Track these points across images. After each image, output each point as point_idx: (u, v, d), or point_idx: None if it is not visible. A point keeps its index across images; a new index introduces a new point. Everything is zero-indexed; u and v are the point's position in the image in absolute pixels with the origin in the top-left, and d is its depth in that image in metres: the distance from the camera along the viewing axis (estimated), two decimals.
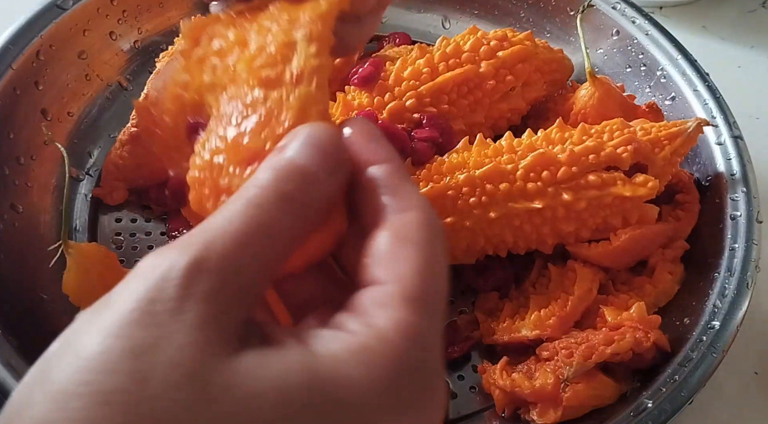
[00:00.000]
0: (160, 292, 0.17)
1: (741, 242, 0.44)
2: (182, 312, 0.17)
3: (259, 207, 0.19)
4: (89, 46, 0.54)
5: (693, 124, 0.46)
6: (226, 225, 0.18)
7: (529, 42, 0.51)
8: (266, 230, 0.19)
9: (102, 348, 0.17)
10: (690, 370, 0.40)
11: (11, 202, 0.48)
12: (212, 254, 0.18)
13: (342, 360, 0.18)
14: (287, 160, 0.20)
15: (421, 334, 0.19)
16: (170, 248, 0.18)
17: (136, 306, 0.17)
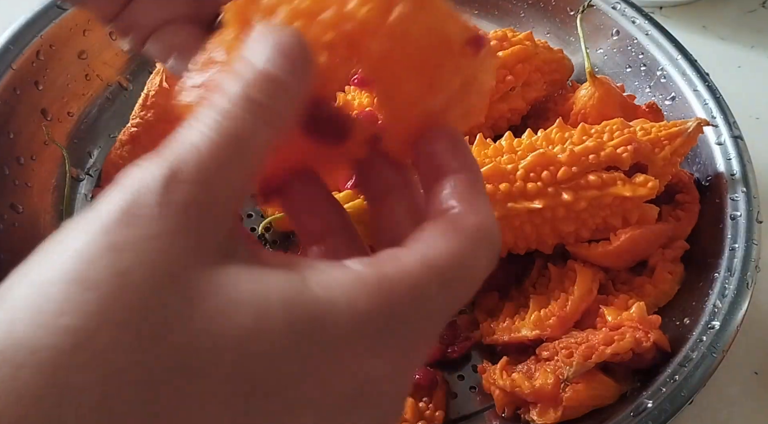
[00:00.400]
0: (141, 197, 0.18)
1: (741, 242, 0.44)
2: (162, 217, 0.17)
3: (229, 116, 0.19)
4: (89, 46, 0.54)
5: (693, 124, 0.46)
6: (198, 136, 0.19)
7: (529, 42, 0.51)
8: (238, 139, 0.19)
9: (84, 243, 0.17)
10: (690, 370, 0.40)
11: (11, 203, 0.48)
12: (187, 164, 0.18)
13: (330, 286, 0.18)
14: (255, 69, 0.20)
15: (425, 293, 0.19)
16: (147, 161, 0.19)
17: (118, 209, 0.17)
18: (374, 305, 0.18)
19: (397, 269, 0.19)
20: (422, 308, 0.19)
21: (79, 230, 0.18)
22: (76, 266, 0.17)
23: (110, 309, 0.16)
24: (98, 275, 0.17)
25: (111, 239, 0.17)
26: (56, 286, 0.16)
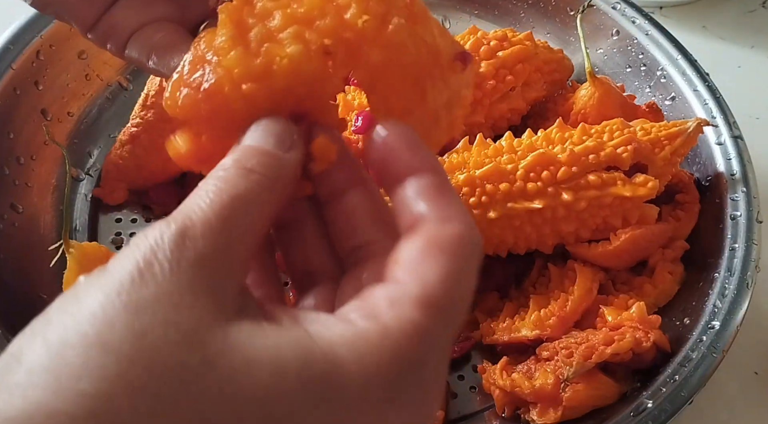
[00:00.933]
0: (154, 255, 0.18)
1: (741, 242, 0.44)
2: (176, 274, 0.18)
3: (227, 181, 0.20)
4: (89, 46, 0.54)
5: (693, 125, 0.46)
6: (203, 198, 0.20)
7: (529, 42, 0.51)
8: (238, 198, 0.20)
9: (101, 304, 0.17)
10: (690, 370, 0.40)
11: (11, 202, 0.48)
12: (195, 223, 0.19)
13: (336, 344, 0.18)
14: (245, 145, 0.22)
15: (428, 337, 0.19)
16: (157, 223, 0.19)
17: (133, 268, 0.18)
18: (382, 361, 0.18)
19: (397, 319, 0.19)
20: (429, 351, 0.19)
21: (94, 290, 0.18)
22: (93, 328, 0.17)
23: (129, 373, 0.16)
24: (116, 338, 0.17)
25: (127, 299, 0.17)
26: (74, 349, 0.16)
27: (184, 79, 0.23)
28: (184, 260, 0.18)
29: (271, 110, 0.23)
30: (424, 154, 0.22)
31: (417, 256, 0.20)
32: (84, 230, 0.51)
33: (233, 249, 0.19)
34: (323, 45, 0.22)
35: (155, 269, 0.18)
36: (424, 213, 0.21)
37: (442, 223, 0.20)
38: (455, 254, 0.20)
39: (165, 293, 0.17)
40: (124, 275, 0.18)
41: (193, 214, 0.19)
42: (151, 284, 0.17)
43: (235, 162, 0.21)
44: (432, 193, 0.21)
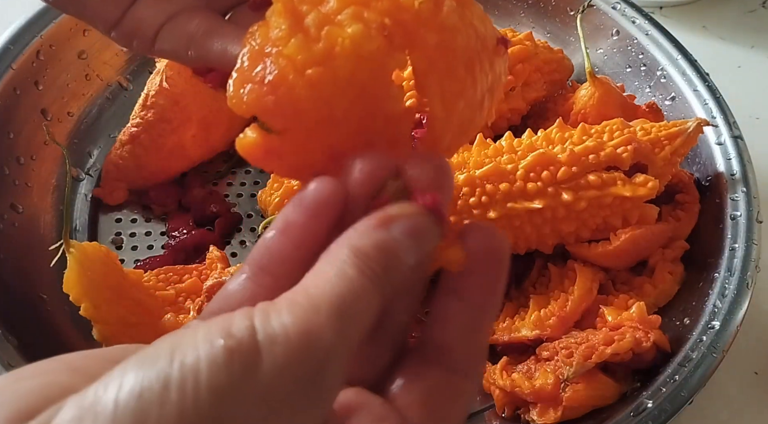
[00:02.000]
0: (293, 373, 0.17)
1: (741, 242, 0.44)
2: (315, 407, 0.17)
3: (364, 294, 0.19)
4: (89, 46, 0.54)
5: (693, 125, 0.46)
6: (333, 311, 0.18)
7: (529, 42, 0.51)
8: (365, 315, 0.19)
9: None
10: (690, 370, 0.40)
11: (11, 202, 0.48)
12: (342, 336, 0.18)
13: None
14: (394, 251, 0.20)
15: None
16: (300, 319, 0.17)
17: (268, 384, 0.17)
18: None
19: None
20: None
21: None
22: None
23: None
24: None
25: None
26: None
27: (245, 75, 0.23)
28: (322, 384, 0.17)
29: (337, 97, 0.22)
30: (500, 289, 0.22)
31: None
32: (84, 230, 0.51)
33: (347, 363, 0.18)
34: (383, 24, 0.22)
35: (292, 398, 0.17)
36: (458, 356, 0.21)
37: (467, 379, 0.21)
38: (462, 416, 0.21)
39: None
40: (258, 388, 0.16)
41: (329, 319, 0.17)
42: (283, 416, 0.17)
43: (363, 268, 0.19)
44: (480, 339, 0.22)
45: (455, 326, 0.22)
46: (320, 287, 0.18)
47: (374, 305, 0.19)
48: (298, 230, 0.21)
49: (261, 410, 0.16)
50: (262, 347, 0.17)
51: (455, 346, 0.21)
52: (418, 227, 0.20)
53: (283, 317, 0.17)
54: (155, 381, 0.16)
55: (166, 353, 0.16)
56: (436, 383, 0.21)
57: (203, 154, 0.53)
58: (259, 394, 0.16)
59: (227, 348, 0.16)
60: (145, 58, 0.57)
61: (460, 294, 0.22)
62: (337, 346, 0.17)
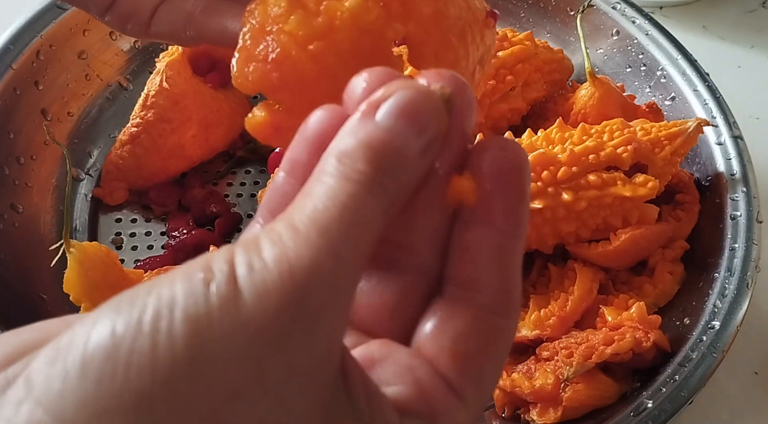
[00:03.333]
0: (298, 308, 0.15)
1: (741, 242, 0.44)
2: (312, 341, 0.15)
3: (360, 203, 0.17)
4: (89, 46, 0.54)
5: (693, 124, 0.46)
6: (343, 217, 0.16)
7: (529, 42, 0.51)
8: (366, 225, 0.17)
9: (233, 361, 0.15)
10: (690, 370, 0.40)
11: (11, 202, 0.48)
12: (339, 260, 0.16)
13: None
14: (383, 141, 0.17)
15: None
16: (296, 242, 0.16)
17: (278, 320, 0.15)
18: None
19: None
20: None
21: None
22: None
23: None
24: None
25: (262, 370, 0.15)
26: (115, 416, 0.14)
27: (248, 54, 0.23)
28: (323, 319, 0.15)
29: (340, 70, 0.22)
30: (524, 210, 0.19)
31: (477, 363, 0.18)
32: (84, 230, 0.51)
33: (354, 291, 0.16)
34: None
35: (295, 331, 0.15)
36: (489, 290, 0.19)
37: (503, 317, 0.19)
38: (503, 361, 0.19)
39: (294, 367, 0.15)
40: (264, 328, 0.15)
41: (331, 243, 0.15)
42: (285, 351, 0.15)
43: (371, 173, 0.17)
44: (508, 267, 0.19)
45: (481, 256, 0.19)
46: (302, 208, 0.16)
47: (373, 215, 0.17)
48: (304, 168, 0.19)
49: (241, 342, 0.15)
50: (240, 276, 0.15)
51: (484, 280, 0.19)
52: (413, 103, 0.17)
53: (264, 246, 0.16)
54: (129, 316, 0.15)
55: (144, 291, 0.15)
56: (466, 325, 0.18)
57: (203, 154, 0.53)
58: (239, 324, 0.15)
59: (205, 280, 0.15)
60: (145, 57, 0.56)
61: (480, 221, 0.19)
62: (325, 270, 0.16)
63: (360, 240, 0.16)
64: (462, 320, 0.18)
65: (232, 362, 0.15)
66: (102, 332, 0.15)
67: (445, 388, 0.18)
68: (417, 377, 0.18)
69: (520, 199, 0.19)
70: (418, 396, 0.18)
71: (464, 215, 0.19)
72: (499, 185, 0.19)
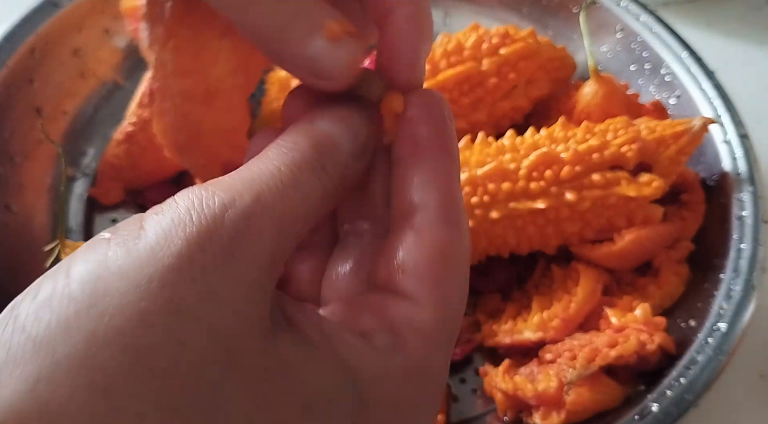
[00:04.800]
0: (210, 239, 0.16)
1: (748, 243, 0.43)
2: (230, 270, 0.16)
3: (297, 168, 0.18)
4: (84, 44, 0.53)
5: (698, 123, 0.45)
6: (269, 180, 0.18)
7: (532, 39, 0.50)
8: (302, 191, 0.18)
9: (141, 295, 0.15)
10: (695, 373, 0.39)
11: (5, 202, 0.47)
12: (264, 205, 0.17)
13: (367, 379, 0.18)
14: (322, 131, 0.20)
15: (439, 370, 0.19)
16: (216, 187, 0.17)
17: (183, 251, 0.15)
18: (405, 394, 0.18)
19: (423, 353, 0.19)
20: (439, 377, 0.20)
21: (135, 266, 0.15)
22: (129, 326, 0.15)
23: (163, 390, 0.15)
24: (154, 343, 0.15)
25: (170, 297, 0.15)
26: (106, 349, 0.14)
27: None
28: (244, 251, 0.16)
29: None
30: (448, 135, 0.21)
31: (427, 268, 0.19)
32: (79, 230, 0.50)
33: (287, 244, 0.17)
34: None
35: (207, 259, 0.15)
36: (427, 207, 0.20)
37: (445, 225, 0.20)
38: (461, 267, 0.20)
39: (212, 293, 0.15)
40: (169, 257, 0.15)
41: (262, 193, 0.17)
42: (199, 280, 0.15)
43: (311, 152, 0.19)
44: (442, 184, 0.20)
45: (413, 182, 0.20)
46: (238, 170, 0.18)
47: (310, 187, 0.18)
48: None
49: (144, 270, 0.15)
50: (145, 218, 0.16)
51: (422, 201, 0.20)
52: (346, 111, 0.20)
53: (176, 197, 0.17)
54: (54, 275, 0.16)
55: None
56: (407, 240, 0.20)
57: None
58: (137, 256, 0.15)
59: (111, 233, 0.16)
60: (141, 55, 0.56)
61: (412, 153, 0.20)
62: (245, 210, 0.16)
63: (292, 200, 0.18)
64: (403, 239, 0.19)
65: (130, 291, 0.15)
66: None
67: (392, 298, 0.19)
68: (363, 301, 0.20)
69: (447, 132, 0.21)
70: (358, 313, 0.19)
71: (396, 153, 0.21)
72: (423, 113, 0.21)
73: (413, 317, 0.19)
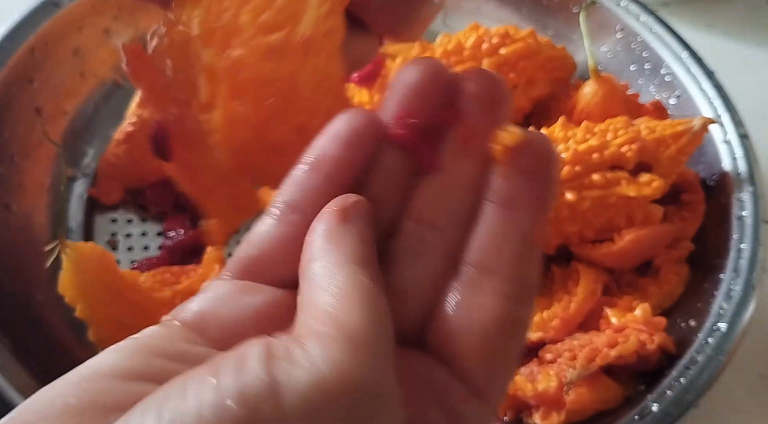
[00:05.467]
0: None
1: (748, 243, 0.43)
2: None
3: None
4: (84, 44, 0.53)
5: (698, 123, 0.45)
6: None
7: (532, 39, 0.50)
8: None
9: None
10: (695, 373, 0.39)
11: (5, 202, 0.47)
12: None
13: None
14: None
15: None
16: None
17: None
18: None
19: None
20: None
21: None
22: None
23: None
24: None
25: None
26: None
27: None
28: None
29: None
30: (549, 200, 0.19)
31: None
32: (79, 230, 0.50)
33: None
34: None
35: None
36: (496, 272, 0.18)
37: (506, 299, 0.18)
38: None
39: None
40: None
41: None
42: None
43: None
44: (520, 252, 0.18)
45: (505, 240, 0.18)
46: (348, 310, 0.16)
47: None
48: (332, 164, 0.19)
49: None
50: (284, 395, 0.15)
51: (504, 264, 0.18)
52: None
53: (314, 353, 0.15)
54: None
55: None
56: (490, 317, 0.18)
57: None
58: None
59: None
60: None
61: (509, 204, 0.19)
62: (383, 381, 0.15)
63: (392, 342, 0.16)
64: (485, 311, 0.18)
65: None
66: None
67: (469, 395, 0.17)
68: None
69: (549, 185, 0.19)
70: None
71: (494, 197, 0.19)
72: (531, 168, 0.19)
73: (481, 421, 0.18)
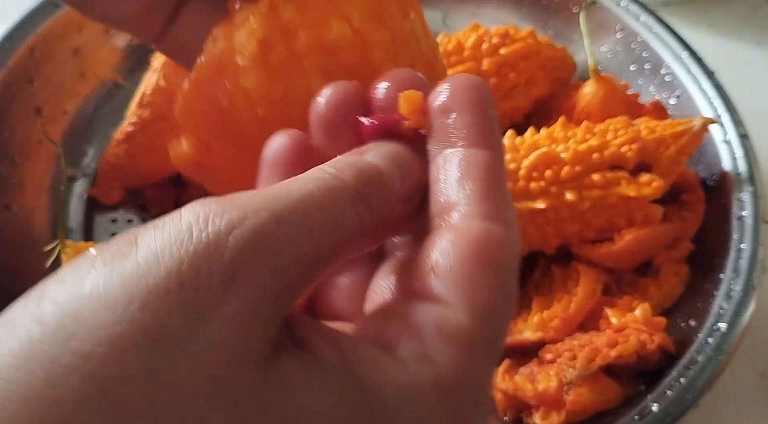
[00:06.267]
0: (208, 259, 0.14)
1: (748, 243, 0.43)
2: (228, 295, 0.14)
3: (334, 196, 0.17)
4: (84, 44, 0.53)
5: (698, 123, 0.45)
6: (296, 200, 0.16)
7: (532, 39, 0.50)
8: (333, 220, 0.16)
9: (117, 318, 0.13)
10: (695, 373, 0.39)
11: (5, 202, 0.47)
12: (282, 226, 0.15)
13: (389, 395, 0.15)
14: (370, 165, 0.18)
15: (478, 383, 0.17)
16: (229, 202, 0.15)
17: (173, 271, 0.14)
18: (437, 410, 0.16)
19: (453, 363, 0.16)
20: (478, 392, 0.17)
21: (118, 284, 0.14)
22: (99, 351, 0.13)
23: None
24: (124, 374, 0.13)
25: (152, 322, 0.13)
26: (69, 377, 0.13)
27: (198, 88, 0.22)
28: (246, 275, 0.14)
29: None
30: (486, 121, 0.19)
31: (460, 268, 0.17)
32: (79, 230, 0.50)
33: (305, 273, 0.16)
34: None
35: (202, 281, 0.14)
36: (464, 203, 0.18)
37: (484, 221, 0.17)
38: (504, 268, 0.17)
39: (202, 319, 0.13)
40: (158, 277, 0.13)
41: (280, 216, 0.15)
42: (189, 303, 0.13)
43: (353, 181, 0.17)
44: (480, 176, 0.18)
45: (450, 174, 0.18)
46: (276, 186, 0.17)
47: (345, 218, 0.17)
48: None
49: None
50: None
51: (460, 195, 0.18)
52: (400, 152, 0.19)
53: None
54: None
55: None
56: (441, 239, 0.17)
57: None
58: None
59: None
60: (141, 55, 0.56)
61: (447, 146, 0.19)
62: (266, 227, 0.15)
63: (319, 226, 0.16)
64: (437, 239, 0.17)
65: (104, 312, 0.14)
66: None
67: (421, 304, 0.17)
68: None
69: (481, 108, 0.19)
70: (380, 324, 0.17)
71: (432, 150, 0.19)
72: (457, 100, 0.19)
73: (444, 322, 0.16)
